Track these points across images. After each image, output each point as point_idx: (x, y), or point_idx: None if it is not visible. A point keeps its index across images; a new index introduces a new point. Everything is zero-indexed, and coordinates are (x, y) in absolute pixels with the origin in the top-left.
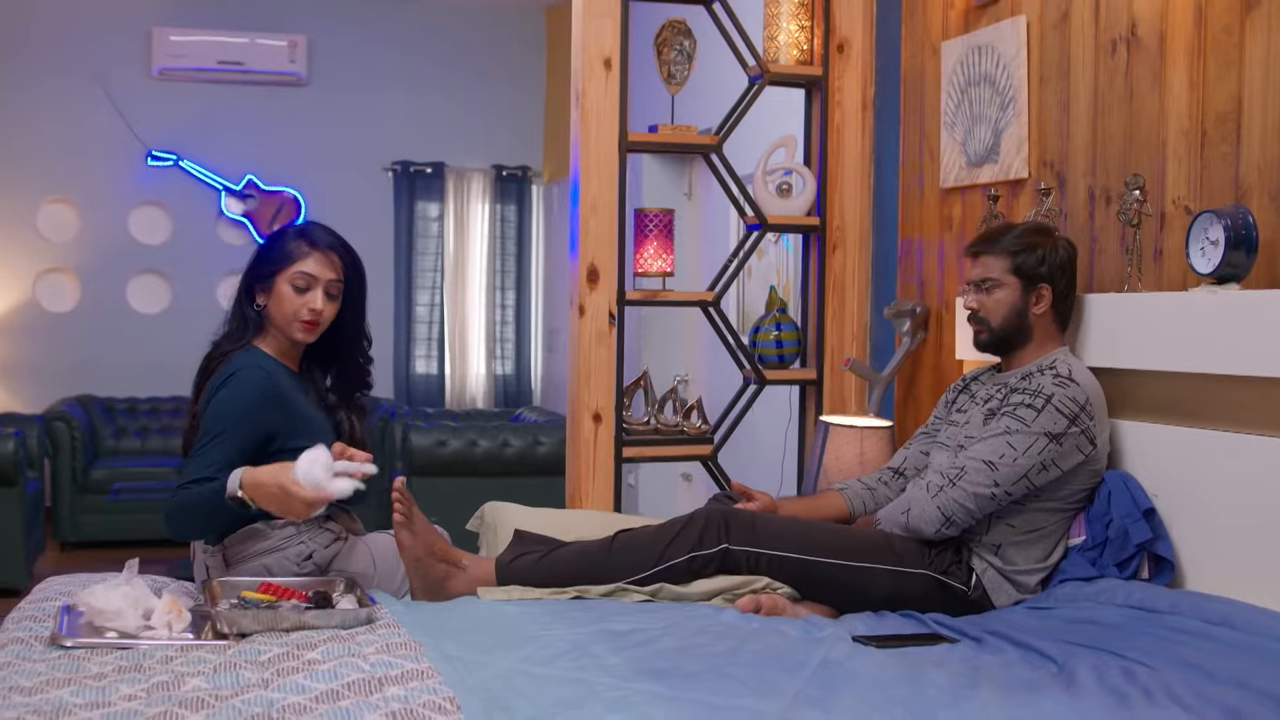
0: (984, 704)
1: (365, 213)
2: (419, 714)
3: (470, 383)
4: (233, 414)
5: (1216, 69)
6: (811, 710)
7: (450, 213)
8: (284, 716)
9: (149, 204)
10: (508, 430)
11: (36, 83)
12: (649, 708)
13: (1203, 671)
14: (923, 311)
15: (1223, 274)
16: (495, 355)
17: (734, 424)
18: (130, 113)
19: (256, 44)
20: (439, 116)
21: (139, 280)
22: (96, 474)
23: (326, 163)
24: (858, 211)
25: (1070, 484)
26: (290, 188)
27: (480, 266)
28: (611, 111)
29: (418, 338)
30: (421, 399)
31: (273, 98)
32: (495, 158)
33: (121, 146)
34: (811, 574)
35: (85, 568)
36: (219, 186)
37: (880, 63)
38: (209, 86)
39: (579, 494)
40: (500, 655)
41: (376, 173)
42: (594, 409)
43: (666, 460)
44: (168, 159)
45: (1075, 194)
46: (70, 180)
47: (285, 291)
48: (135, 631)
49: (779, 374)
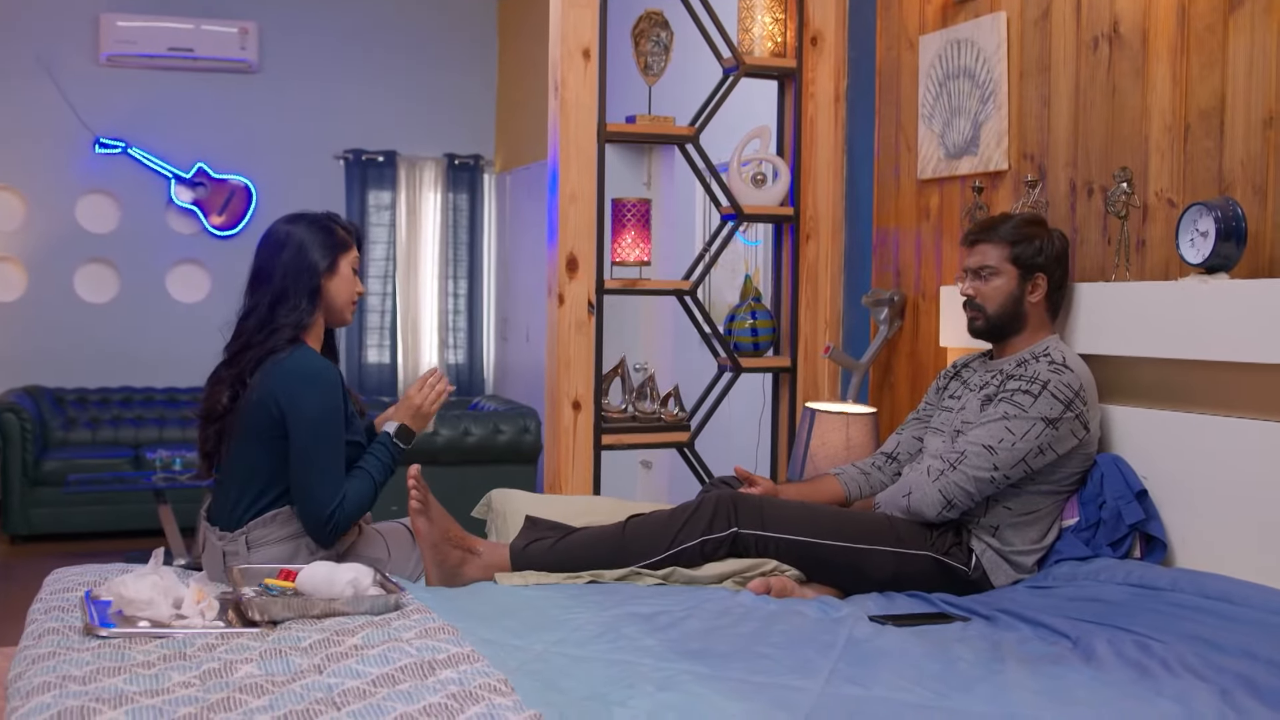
0: (1014, 677)
1: (317, 201)
2: (477, 695)
3: (423, 371)
4: (337, 418)
5: (1200, 66)
6: (852, 686)
7: (402, 201)
8: (347, 700)
9: (97, 192)
10: (468, 419)
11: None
12: (697, 687)
13: (1210, 644)
14: (900, 300)
15: (1213, 264)
16: (448, 344)
17: (710, 411)
18: (77, 100)
19: (206, 30)
20: (391, 105)
21: (87, 269)
22: (48, 465)
23: (278, 151)
24: (831, 202)
25: (1064, 467)
26: (241, 176)
27: (432, 255)
28: (590, 102)
29: (370, 326)
30: (374, 388)
31: (223, 85)
32: (448, 146)
33: (68, 134)
34: (818, 556)
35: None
36: (168, 174)
37: (853, 55)
38: (158, 73)
39: (559, 481)
40: (532, 639)
41: (328, 161)
42: (574, 397)
43: (644, 447)
44: (116, 146)
45: (1056, 186)
46: (16, 168)
47: (347, 273)
48: (168, 620)
49: (754, 362)
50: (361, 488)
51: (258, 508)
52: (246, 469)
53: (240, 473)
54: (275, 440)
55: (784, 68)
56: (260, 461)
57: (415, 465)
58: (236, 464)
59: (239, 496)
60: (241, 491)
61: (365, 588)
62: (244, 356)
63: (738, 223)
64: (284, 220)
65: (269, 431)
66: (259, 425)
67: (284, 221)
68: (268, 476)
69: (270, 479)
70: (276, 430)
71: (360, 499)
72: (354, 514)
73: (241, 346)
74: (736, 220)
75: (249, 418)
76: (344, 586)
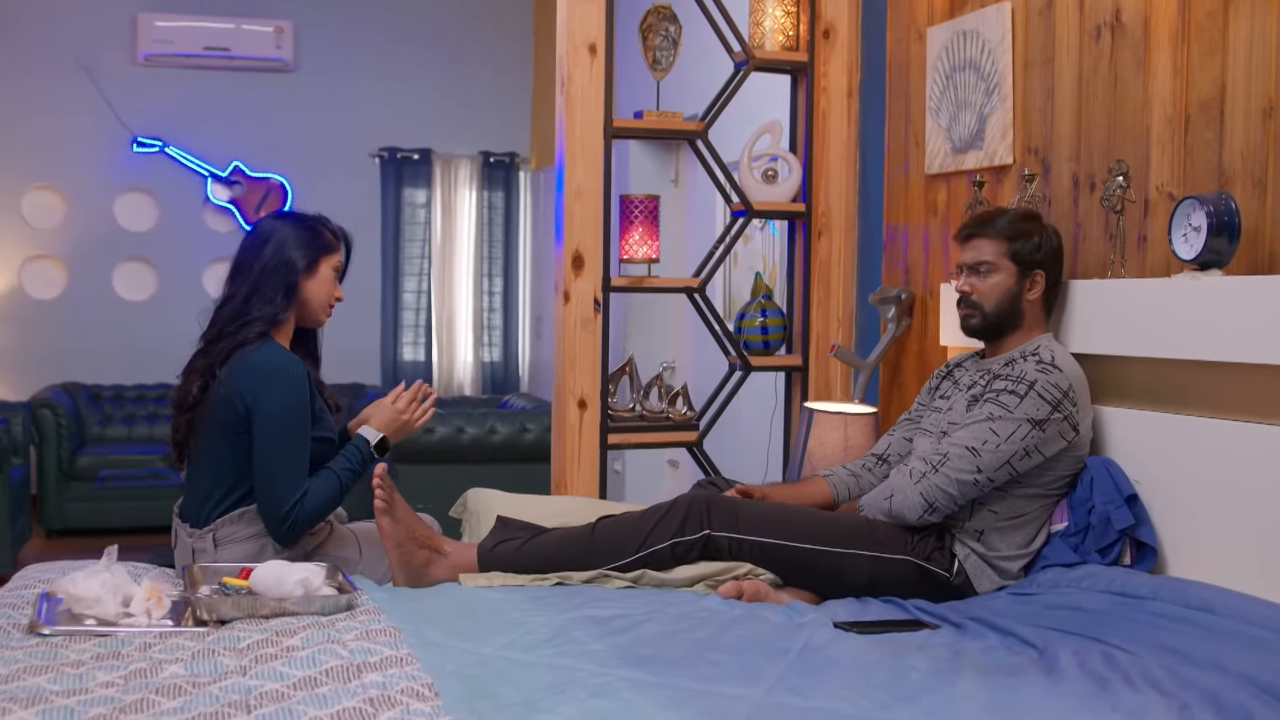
0: (966, 689)
1: (352, 199)
2: (396, 699)
3: (458, 369)
4: (302, 415)
5: (1200, 55)
6: (791, 696)
7: (437, 199)
8: (261, 704)
9: (135, 190)
10: (494, 417)
11: (21, 69)
12: (631, 694)
13: (1182, 656)
14: (908, 297)
15: (1205, 260)
16: (482, 342)
17: (719, 410)
18: (116, 99)
19: (242, 30)
20: (426, 103)
21: (125, 267)
22: (83, 461)
23: (313, 149)
24: (843, 198)
25: (1053, 470)
26: (277, 174)
27: (468, 253)
28: (596, 97)
29: (405, 324)
30: None
31: (259, 84)
32: (483, 144)
33: (107, 133)
34: (793, 560)
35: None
36: (205, 173)
37: (865, 48)
38: (195, 73)
39: (564, 480)
40: (481, 641)
41: (364, 159)
42: (579, 395)
43: (652, 447)
44: (153, 145)
45: (1060, 180)
46: (56, 167)
47: (327, 274)
48: (114, 619)
49: (764, 360)
50: (325, 487)
51: (225, 505)
52: (214, 465)
53: (208, 468)
54: (241, 435)
55: (796, 62)
56: (227, 457)
57: (381, 464)
58: (205, 459)
59: (208, 493)
60: (210, 488)
61: (316, 588)
62: (215, 347)
63: (747, 219)
64: (273, 215)
65: (235, 427)
66: (225, 420)
67: (272, 217)
68: (235, 473)
69: (237, 476)
70: (242, 426)
71: (322, 498)
72: (314, 513)
73: (214, 336)
74: (746, 217)
75: (216, 413)
76: (293, 586)
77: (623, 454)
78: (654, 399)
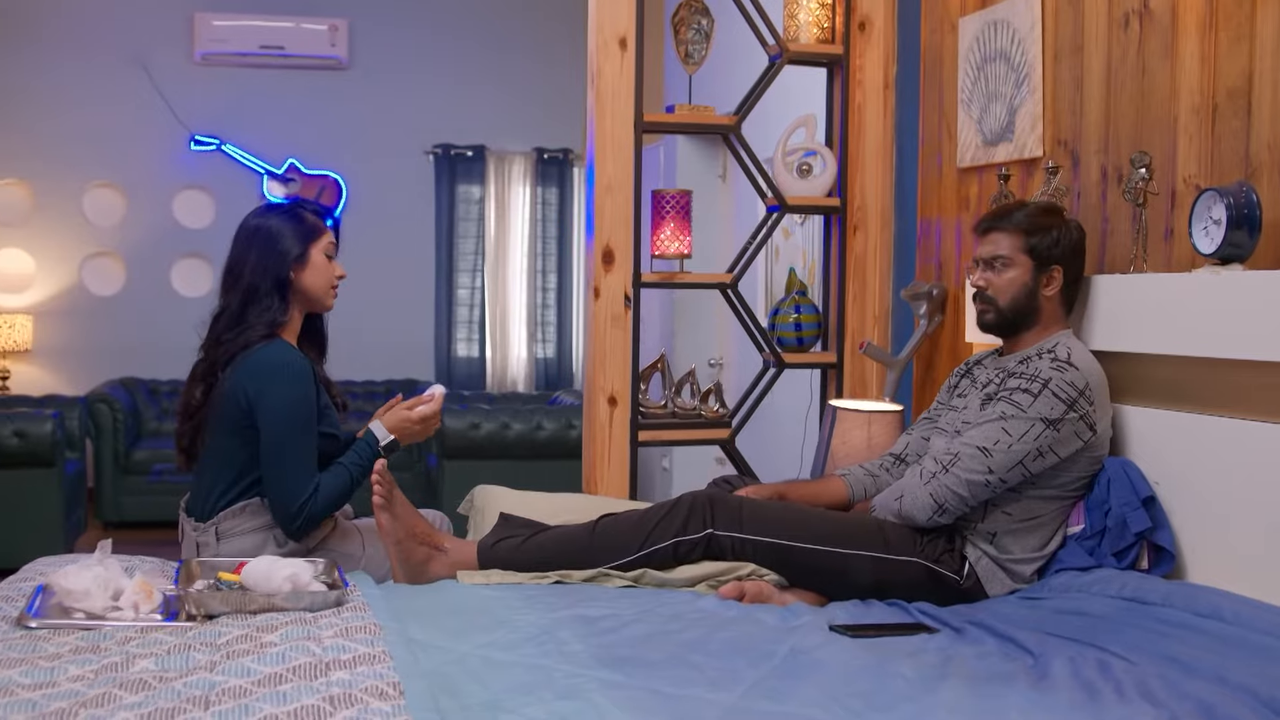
0: (948, 697)
1: (406, 196)
2: (357, 698)
3: (511, 366)
4: (307, 409)
5: (1227, 42)
6: (766, 701)
7: (491, 196)
8: (221, 699)
9: (193, 188)
10: (542, 413)
11: (82, 69)
12: (598, 695)
13: (1183, 666)
14: (940, 293)
15: (1226, 254)
16: (536, 338)
17: (752, 408)
18: (173, 98)
19: (297, 28)
20: (480, 99)
21: (183, 264)
22: (138, 455)
23: (368, 146)
24: (879, 192)
25: (1069, 471)
26: (332, 171)
27: (521, 249)
28: (627, 92)
29: (459, 320)
30: (463, 382)
31: (314, 82)
32: (536, 140)
33: (165, 131)
34: (797, 560)
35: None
36: (261, 170)
37: (901, 40)
38: (250, 71)
39: (594, 477)
40: (464, 640)
41: (417, 156)
42: (609, 392)
43: (683, 444)
44: (211, 143)
45: (1088, 173)
46: (116, 165)
47: (321, 261)
48: (102, 612)
49: (798, 357)
50: (336, 482)
51: (229, 498)
52: (219, 460)
53: (213, 463)
54: (245, 431)
55: (831, 54)
56: (232, 452)
57: (381, 460)
58: (210, 455)
59: (211, 487)
60: (214, 482)
61: (305, 584)
62: (217, 351)
63: (780, 214)
64: (252, 214)
65: (239, 422)
66: (230, 416)
67: (253, 215)
68: (239, 467)
69: (241, 470)
70: (246, 421)
71: (333, 493)
72: (325, 507)
73: (214, 342)
74: (780, 212)
75: (221, 409)
76: (282, 582)
77: (670, 451)
78: (686, 396)
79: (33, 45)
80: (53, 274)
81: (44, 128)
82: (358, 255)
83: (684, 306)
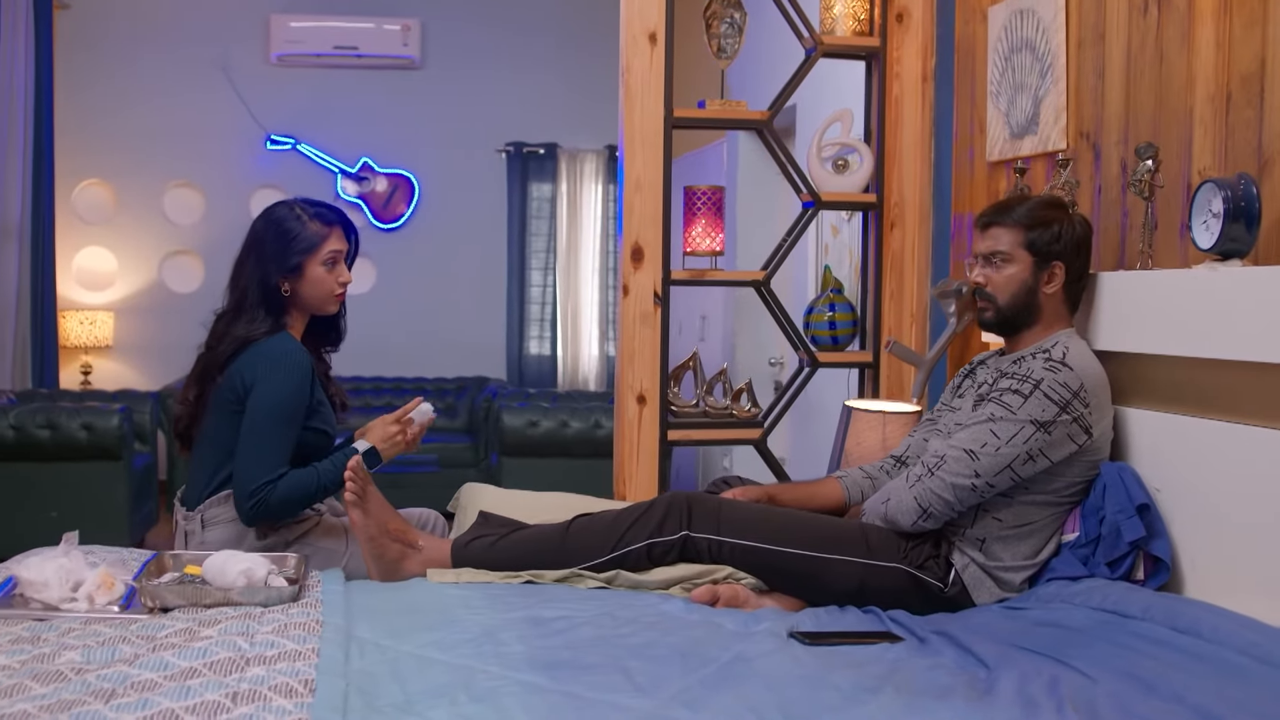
0: (875, 711)
1: (478, 194)
2: (262, 695)
3: (583, 363)
4: (296, 403)
5: (1241, 27)
6: (683, 709)
7: (563, 193)
8: (125, 693)
9: (269, 187)
10: (601, 411)
11: (162, 71)
12: (511, 700)
13: (1143, 684)
14: (969, 291)
15: (1225, 249)
16: (608, 336)
17: (785, 407)
18: (250, 98)
19: (371, 28)
20: (551, 98)
21: None
22: None
23: (440, 145)
24: (917, 187)
25: (1064, 476)
26: (405, 170)
27: (593, 247)
28: (657, 87)
29: (530, 318)
30: (534, 379)
31: (387, 81)
32: (608, 138)
33: (242, 131)
34: (774, 564)
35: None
36: (335, 169)
37: (939, 32)
38: (325, 71)
39: (624, 476)
40: (407, 639)
41: (490, 154)
42: (639, 390)
43: (713, 444)
44: (286, 143)
45: (1109, 166)
46: (196, 165)
47: (318, 274)
48: (58, 603)
49: (833, 356)
50: (302, 481)
51: (214, 485)
52: (210, 446)
53: (205, 449)
54: (236, 416)
55: (868, 47)
56: (222, 439)
57: (356, 457)
58: (203, 442)
59: (200, 474)
60: (202, 470)
61: (259, 579)
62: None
63: (815, 210)
64: (260, 216)
65: (232, 407)
66: (225, 401)
67: (259, 217)
68: (226, 454)
69: (227, 457)
70: (239, 406)
71: (294, 490)
72: (283, 501)
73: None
74: (815, 208)
75: (219, 395)
76: (236, 576)
77: (730, 450)
78: (718, 394)
79: (114, 48)
80: (134, 272)
81: (125, 129)
82: (430, 254)
83: (745, 306)
